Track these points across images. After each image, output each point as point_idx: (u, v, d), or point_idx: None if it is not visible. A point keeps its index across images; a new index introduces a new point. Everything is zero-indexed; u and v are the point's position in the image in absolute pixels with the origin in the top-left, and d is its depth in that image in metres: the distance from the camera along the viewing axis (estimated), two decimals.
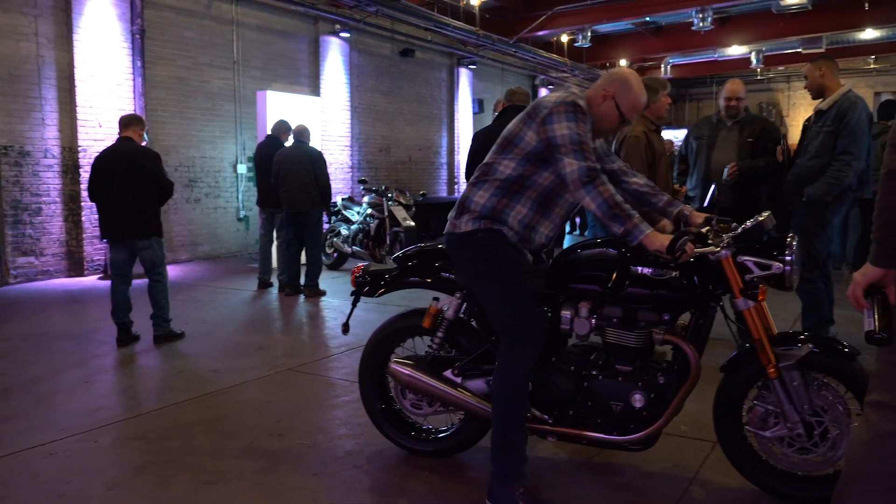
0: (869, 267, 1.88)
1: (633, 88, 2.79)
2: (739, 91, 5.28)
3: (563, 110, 2.65)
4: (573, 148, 2.62)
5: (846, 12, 14.57)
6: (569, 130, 2.63)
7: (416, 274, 3.29)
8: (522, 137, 2.75)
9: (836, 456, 2.70)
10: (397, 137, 14.26)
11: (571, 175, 2.62)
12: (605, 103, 2.79)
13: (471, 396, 3.09)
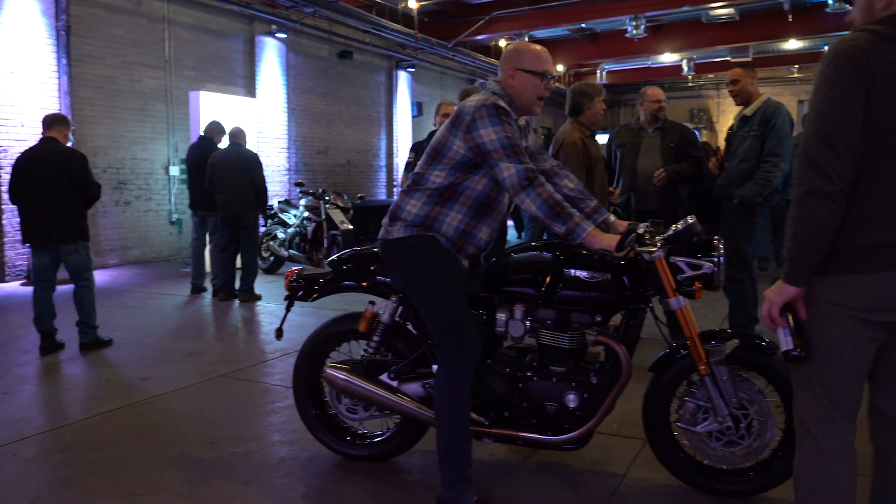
0: (783, 285, 1.92)
1: (525, 49, 2.79)
2: (662, 96, 5.42)
3: (485, 114, 2.63)
4: (505, 152, 2.61)
5: (771, 23, 15.16)
6: (496, 135, 2.61)
7: (351, 278, 3.26)
8: (450, 147, 2.72)
9: (760, 448, 2.80)
10: (335, 140, 14.14)
11: (510, 179, 2.61)
12: (516, 78, 2.76)
13: (407, 400, 3.08)
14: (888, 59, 1.79)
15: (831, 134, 1.81)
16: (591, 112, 4.86)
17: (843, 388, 1.93)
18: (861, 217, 1.85)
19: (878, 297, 1.85)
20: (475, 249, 2.88)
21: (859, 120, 1.80)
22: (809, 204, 1.83)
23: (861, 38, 1.83)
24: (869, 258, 1.84)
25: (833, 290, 1.88)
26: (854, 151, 1.81)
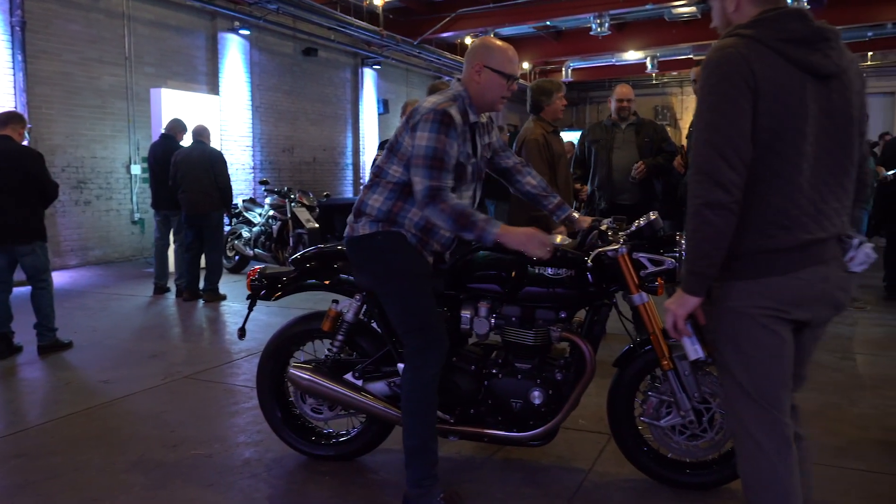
0: (685, 297, 1.95)
1: (494, 47, 2.78)
2: (629, 94, 5.50)
3: (430, 119, 2.62)
4: (424, 163, 2.62)
5: None
6: (426, 142, 2.61)
7: (314, 276, 3.23)
8: (402, 143, 2.74)
9: (722, 440, 2.84)
10: (301, 138, 14.02)
11: (417, 193, 2.65)
12: (482, 75, 2.75)
13: (372, 399, 3.06)
14: (764, 62, 1.83)
15: (724, 145, 1.83)
16: (551, 108, 4.90)
17: (775, 386, 1.97)
18: (764, 221, 1.88)
19: (791, 296, 1.90)
20: (440, 246, 2.88)
21: (749, 128, 1.83)
22: (708, 216, 1.84)
23: (738, 44, 1.85)
24: (779, 260, 1.88)
25: (752, 293, 1.91)
26: (746, 160, 1.84)
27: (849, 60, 1.92)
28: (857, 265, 1.94)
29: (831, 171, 1.91)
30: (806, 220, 1.87)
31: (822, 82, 1.87)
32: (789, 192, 1.87)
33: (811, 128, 1.86)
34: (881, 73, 20.23)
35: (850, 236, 1.95)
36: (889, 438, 3.61)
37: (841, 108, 1.91)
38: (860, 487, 3.05)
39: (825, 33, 1.88)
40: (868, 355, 5.26)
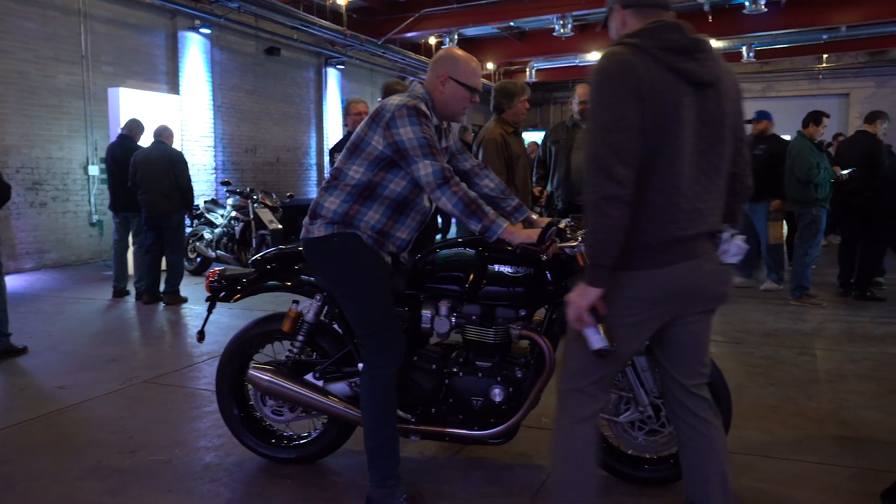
0: (587, 289, 2.03)
1: (460, 60, 2.80)
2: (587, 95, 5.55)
3: (405, 114, 2.65)
4: (423, 151, 2.63)
5: (692, 23, 15.28)
6: (414, 134, 2.63)
7: (274, 277, 3.20)
8: (369, 142, 2.72)
9: None
10: (264, 138, 13.88)
11: (426, 178, 2.63)
12: (446, 86, 2.78)
13: (333, 400, 3.04)
14: (647, 67, 1.97)
15: (618, 143, 1.95)
16: (512, 111, 4.94)
17: (608, 369, 2.18)
18: (644, 217, 2.01)
19: (667, 289, 2.06)
20: (395, 248, 2.88)
21: (638, 128, 1.96)
22: (606, 210, 1.95)
23: (626, 52, 2.00)
24: (656, 254, 2.03)
25: (630, 284, 2.05)
26: (637, 157, 1.97)
27: (723, 70, 2.09)
28: (731, 257, 2.11)
29: (706, 172, 2.06)
30: (681, 217, 2.02)
31: (698, 89, 2.02)
32: (668, 192, 2.01)
33: (688, 131, 2.01)
34: (835, 75, 20.73)
35: (721, 230, 2.13)
36: (842, 432, 3.70)
37: (715, 115, 2.06)
38: (814, 480, 3.12)
39: (701, 44, 2.04)
40: (824, 351, 5.38)
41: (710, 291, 2.12)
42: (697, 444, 2.22)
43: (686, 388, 2.23)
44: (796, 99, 19.89)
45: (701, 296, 2.12)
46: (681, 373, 2.24)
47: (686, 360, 2.22)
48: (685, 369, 2.23)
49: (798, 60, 20.47)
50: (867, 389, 4.38)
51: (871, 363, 4.98)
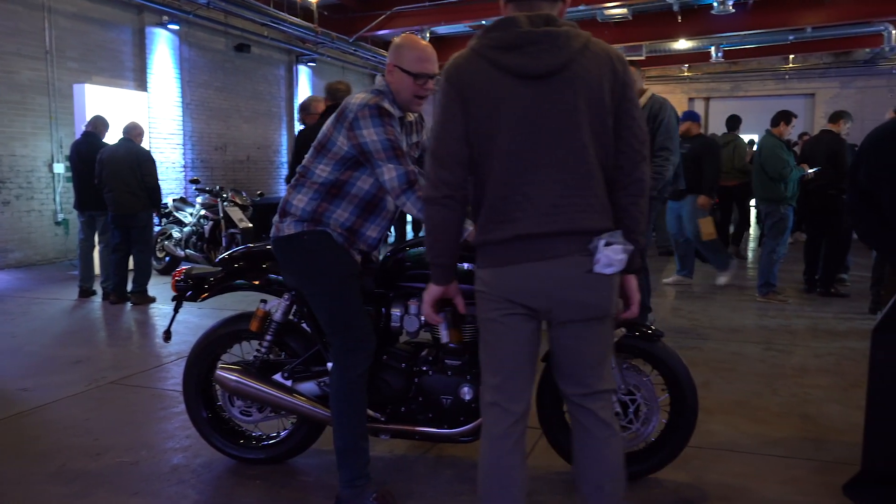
0: (430, 286, 2.12)
1: (404, 46, 2.70)
2: None
3: (367, 114, 2.61)
4: (387, 154, 2.59)
5: (662, 24, 15.76)
6: (378, 136, 2.59)
7: (242, 276, 3.17)
8: (335, 142, 2.70)
9: (647, 431, 2.91)
10: (234, 136, 13.74)
11: (391, 182, 2.60)
12: (395, 75, 2.70)
13: (302, 399, 3.02)
14: (474, 70, 1.98)
15: (437, 147, 2.01)
16: None
17: (504, 373, 2.07)
18: (485, 216, 2.02)
19: (512, 288, 1.99)
20: (366, 247, 2.87)
21: (461, 131, 1.98)
22: (427, 210, 2.05)
23: (459, 56, 2.04)
24: (498, 253, 2.00)
25: (487, 283, 2.04)
26: (460, 160, 2.00)
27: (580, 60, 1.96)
28: (602, 267, 1.95)
29: (561, 167, 1.96)
30: (523, 216, 1.96)
31: (532, 83, 1.96)
32: (502, 191, 1.98)
33: (523, 128, 1.96)
34: (801, 75, 21.08)
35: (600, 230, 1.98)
36: (806, 426, 3.76)
37: (561, 107, 1.96)
38: (778, 473, 3.17)
39: (533, 37, 1.96)
40: (789, 346, 5.47)
41: (573, 299, 1.98)
42: (582, 450, 2.13)
43: (569, 397, 2.14)
44: (764, 98, 20.19)
45: (565, 302, 1.98)
46: (563, 381, 2.14)
47: (566, 371, 2.11)
48: (566, 379, 2.12)
49: (765, 61, 20.78)
50: (830, 384, 4.47)
51: (834, 358, 5.08)
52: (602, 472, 2.10)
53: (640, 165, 2.05)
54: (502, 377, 2.08)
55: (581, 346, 2.06)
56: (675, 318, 6.48)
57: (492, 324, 2.07)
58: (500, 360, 2.08)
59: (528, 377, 2.10)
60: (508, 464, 2.07)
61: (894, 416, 2.78)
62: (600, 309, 2.01)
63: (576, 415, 2.14)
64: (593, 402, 2.10)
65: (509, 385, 2.08)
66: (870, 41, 17.05)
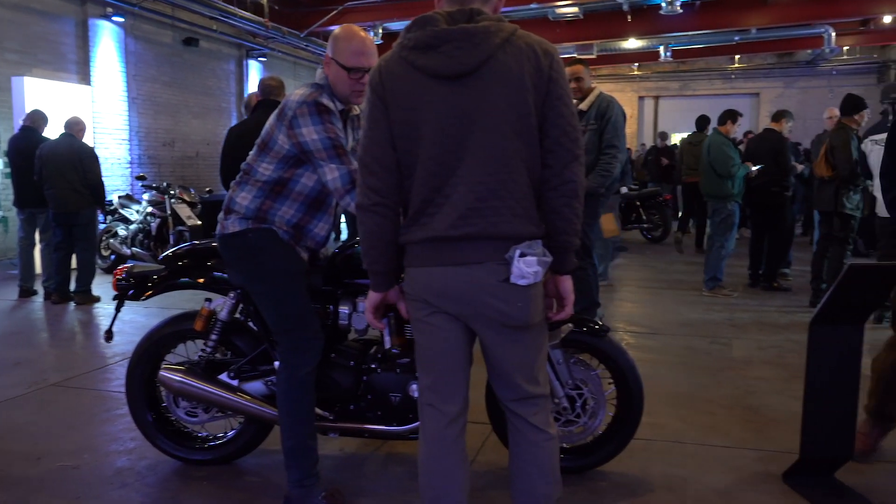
0: (370, 292, 2.13)
1: (340, 38, 2.66)
2: None
3: (306, 112, 2.56)
4: (328, 153, 2.56)
5: (612, 23, 15.97)
6: (318, 135, 2.55)
7: (186, 274, 3.11)
8: (276, 140, 2.65)
9: (595, 424, 2.95)
10: (183, 131, 13.46)
11: (334, 183, 2.57)
12: (330, 68, 2.67)
13: (249, 399, 2.98)
14: (394, 72, 1.95)
15: (364, 154, 1.99)
16: None
17: (435, 373, 2.05)
18: (408, 218, 2.00)
19: (429, 289, 1.97)
20: (313, 244, 2.83)
21: (385, 135, 1.96)
22: (361, 218, 2.01)
23: (383, 59, 2.01)
24: (417, 254, 1.98)
25: (409, 283, 2.03)
26: (387, 166, 1.96)
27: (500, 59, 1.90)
28: (516, 278, 1.90)
29: (481, 168, 1.91)
30: (437, 218, 1.93)
31: (450, 83, 1.90)
32: (425, 193, 1.94)
33: (441, 129, 1.91)
34: (747, 75, 21.63)
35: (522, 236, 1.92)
36: (749, 416, 3.86)
37: (480, 107, 1.90)
38: (722, 462, 3.25)
39: (449, 35, 1.90)
40: (734, 339, 5.60)
41: (489, 306, 1.93)
42: (517, 453, 2.11)
43: (501, 401, 2.11)
44: (711, 97, 20.64)
45: (478, 307, 1.94)
46: (495, 385, 2.11)
47: (496, 374, 2.08)
48: (497, 382, 2.09)
49: (712, 60, 21.25)
50: (773, 375, 4.59)
51: (776, 350, 5.22)
52: (535, 476, 2.07)
53: (570, 165, 1.96)
54: (433, 377, 2.06)
55: (506, 353, 2.02)
56: (624, 312, 6.58)
57: (419, 324, 2.05)
58: (430, 360, 2.06)
59: (460, 377, 2.07)
60: (446, 464, 2.05)
61: (829, 405, 2.88)
62: (518, 319, 1.95)
63: (510, 418, 2.11)
64: (524, 407, 2.07)
65: (441, 385, 2.06)
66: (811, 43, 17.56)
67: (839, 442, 2.92)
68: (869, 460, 3.18)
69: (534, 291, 1.96)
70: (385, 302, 2.14)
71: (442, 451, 2.05)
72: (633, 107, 22.17)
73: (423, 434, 2.09)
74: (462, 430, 2.09)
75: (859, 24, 17.09)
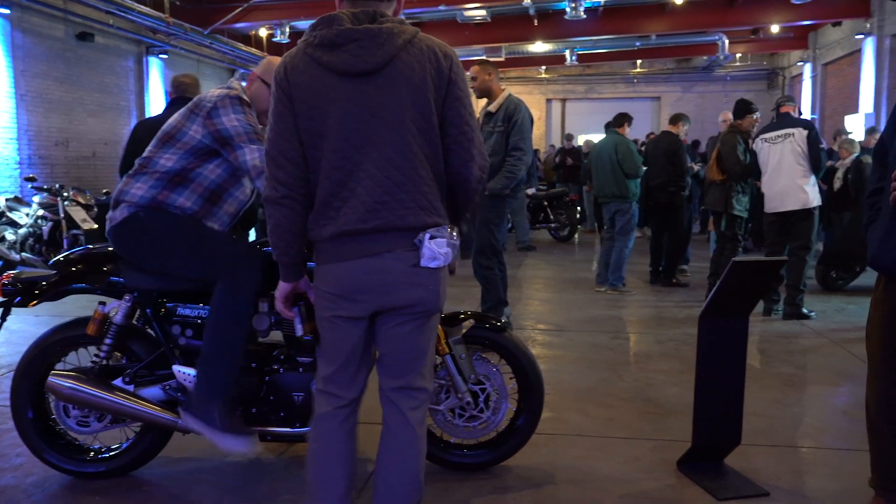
0: (280, 283, 2.20)
1: (272, 63, 2.86)
2: None
3: (227, 103, 2.72)
4: (248, 137, 2.69)
5: (519, 27, 16.31)
6: (239, 122, 2.70)
7: (80, 280, 2.97)
8: (186, 132, 2.74)
9: (498, 419, 3.01)
10: (78, 130, 12.83)
11: (253, 161, 2.66)
12: (253, 85, 2.89)
13: (146, 404, 2.86)
14: (298, 68, 1.99)
15: (270, 147, 2.03)
16: None
17: (336, 365, 2.11)
18: (315, 213, 2.04)
19: (342, 284, 2.01)
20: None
21: (291, 130, 2.00)
22: (268, 210, 2.05)
23: (288, 56, 2.06)
24: (328, 250, 2.03)
25: (320, 278, 2.07)
26: (293, 159, 2.01)
27: (392, 56, 1.96)
28: (427, 261, 1.98)
29: (382, 165, 1.97)
30: (344, 213, 1.98)
31: (354, 81, 1.96)
32: (329, 188, 1.99)
33: (346, 124, 1.97)
34: (648, 79, 22.51)
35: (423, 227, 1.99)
36: (647, 408, 4.01)
37: (385, 104, 1.97)
38: (621, 453, 3.36)
39: (354, 34, 1.96)
40: (635, 334, 5.81)
41: (398, 294, 2.00)
42: (385, 449, 2.15)
43: (384, 391, 2.15)
44: (615, 101, 21.34)
45: (386, 296, 2.00)
46: (381, 374, 2.16)
47: (385, 363, 2.13)
48: (384, 371, 2.14)
49: (616, 65, 22.01)
50: (670, 368, 4.79)
51: (674, 344, 5.45)
52: (397, 473, 2.12)
53: (468, 165, 2.06)
54: (334, 369, 2.12)
55: (402, 341, 2.08)
56: (531, 311, 6.72)
57: (324, 320, 2.09)
58: (333, 352, 2.11)
59: (360, 368, 2.13)
60: (334, 440, 2.12)
61: (718, 395, 3.03)
62: (428, 303, 2.03)
63: (386, 411, 2.15)
64: (405, 398, 2.12)
65: (339, 376, 2.12)
66: (706, 49, 18.46)
67: (728, 429, 3.07)
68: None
69: (443, 274, 2.06)
70: (295, 291, 2.21)
71: (330, 429, 2.13)
72: (541, 109, 22.68)
73: (315, 416, 2.15)
74: (353, 416, 2.16)
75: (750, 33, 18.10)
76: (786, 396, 4.22)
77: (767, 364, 4.92)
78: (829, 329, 5.87)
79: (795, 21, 15.67)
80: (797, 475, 3.14)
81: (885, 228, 2.28)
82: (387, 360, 2.12)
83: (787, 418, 3.86)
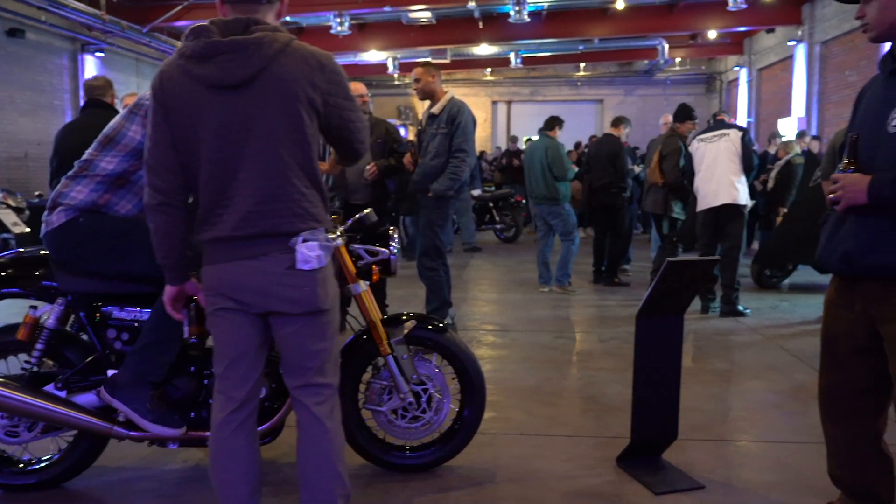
0: (166, 286, 2.26)
1: None
2: (364, 90, 5.57)
3: None
4: None
5: (464, 29, 16.40)
6: None
7: (9, 284, 2.87)
8: (125, 133, 2.70)
9: (440, 419, 3.02)
10: (8, 130, 12.36)
11: None
12: None
13: (80, 411, 2.77)
14: (172, 79, 2.03)
15: (148, 155, 2.11)
16: None
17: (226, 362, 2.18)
18: (198, 219, 2.12)
19: (221, 286, 2.10)
20: None
21: (166, 139, 2.06)
22: (150, 216, 2.14)
23: (164, 65, 2.09)
24: (208, 253, 2.12)
25: (205, 279, 2.15)
26: (170, 167, 2.08)
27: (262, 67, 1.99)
28: (301, 263, 2.05)
29: (256, 175, 2.03)
30: (222, 220, 2.05)
31: (225, 93, 2.00)
32: (210, 195, 2.07)
33: (219, 136, 2.02)
34: (592, 83, 22.90)
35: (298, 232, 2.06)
36: (589, 406, 4.08)
37: (254, 116, 2.02)
38: (563, 450, 3.41)
39: (222, 47, 1.99)
40: (578, 333, 5.91)
41: (278, 294, 2.06)
42: (300, 446, 2.21)
43: (289, 389, 2.23)
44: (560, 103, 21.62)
45: (267, 297, 2.07)
46: (284, 373, 2.24)
47: (285, 362, 2.21)
48: (285, 370, 2.22)
49: (560, 68, 22.32)
50: (612, 366, 4.88)
51: (616, 342, 5.56)
52: (315, 467, 2.19)
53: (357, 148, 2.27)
54: (224, 366, 2.17)
55: (293, 340, 2.14)
56: (476, 311, 6.76)
57: (212, 316, 2.16)
58: (222, 350, 2.17)
59: (249, 366, 2.18)
60: (232, 447, 2.16)
61: (655, 391, 3.10)
62: (307, 304, 2.09)
63: (295, 409, 2.23)
64: (308, 395, 2.19)
65: (230, 373, 2.17)
66: (647, 53, 18.88)
67: (665, 425, 3.15)
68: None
69: (321, 276, 2.10)
70: (183, 294, 2.28)
71: (227, 434, 2.16)
72: (486, 111, 22.84)
73: (213, 420, 2.19)
74: (249, 416, 2.21)
75: (689, 38, 18.59)
76: (721, 391, 4.35)
77: (704, 360, 5.06)
78: (763, 325, 6.07)
79: (732, 27, 16.17)
80: (731, 468, 3.23)
81: (830, 229, 2.36)
82: (284, 361, 2.21)
83: (723, 413, 3.98)
